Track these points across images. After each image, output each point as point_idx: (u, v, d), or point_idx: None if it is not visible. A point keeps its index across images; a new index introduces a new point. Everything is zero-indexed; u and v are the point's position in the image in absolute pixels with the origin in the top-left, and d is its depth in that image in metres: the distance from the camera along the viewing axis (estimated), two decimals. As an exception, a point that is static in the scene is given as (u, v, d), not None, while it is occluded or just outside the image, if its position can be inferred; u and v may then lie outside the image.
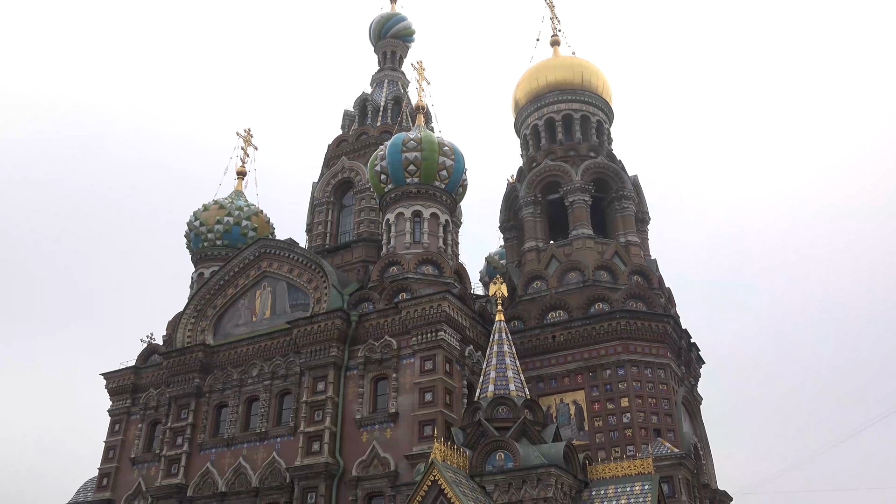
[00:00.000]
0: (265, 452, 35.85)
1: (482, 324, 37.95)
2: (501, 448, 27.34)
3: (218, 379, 39.37)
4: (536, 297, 41.90)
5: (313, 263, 39.50)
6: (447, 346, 34.34)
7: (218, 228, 48.99)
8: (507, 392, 29.68)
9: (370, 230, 45.78)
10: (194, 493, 36.52)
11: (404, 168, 41.24)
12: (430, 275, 38.97)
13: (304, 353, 36.75)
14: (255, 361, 38.53)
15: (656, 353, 38.07)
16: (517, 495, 26.10)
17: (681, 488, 33.39)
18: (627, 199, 45.21)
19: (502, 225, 48.71)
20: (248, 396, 38.26)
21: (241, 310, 41.45)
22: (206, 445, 37.86)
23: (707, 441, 41.91)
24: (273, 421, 36.75)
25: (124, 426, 42.29)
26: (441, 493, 24.25)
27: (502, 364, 30.80)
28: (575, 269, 41.78)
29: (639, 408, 36.17)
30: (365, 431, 34.05)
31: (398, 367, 34.70)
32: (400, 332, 35.41)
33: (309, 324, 36.92)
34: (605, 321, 38.37)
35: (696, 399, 42.80)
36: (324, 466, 32.93)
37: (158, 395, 41.76)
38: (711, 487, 39.81)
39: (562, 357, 38.78)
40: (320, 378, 35.69)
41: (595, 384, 37.38)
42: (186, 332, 41.48)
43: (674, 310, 42.74)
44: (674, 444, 35.29)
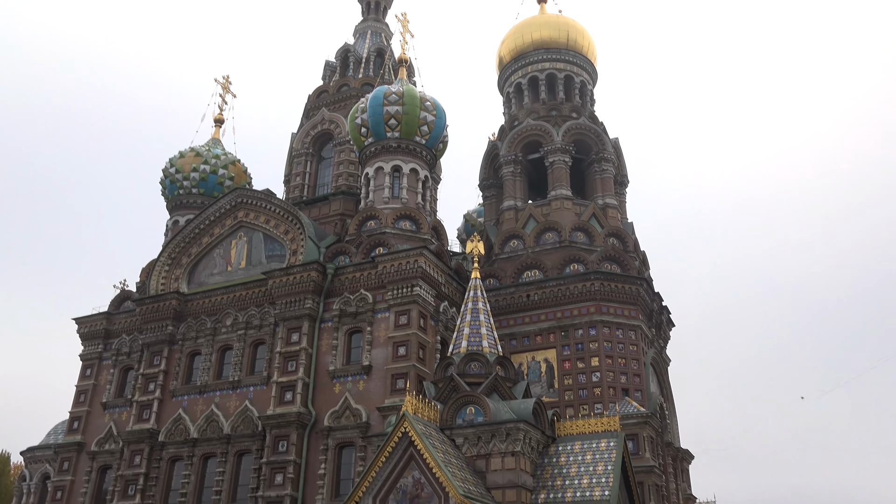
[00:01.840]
0: (238, 401, 36.08)
1: (458, 281, 38.16)
2: (472, 403, 27.72)
3: (191, 327, 39.31)
4: (513, 255, 42.15)
5: (290, 215, 39.24)
6: (422, 301, 34.53)
7: (194, 176, 48.35)
8: (479, 348, 30.00)
9: (349, 183, 45.49)
10: (166, 438, 36.75)
11: (385, 122, 40.85)
12: (408, 230, 38.95)
13: (278, 304, 36.75)
14: (230, 311, 38.48)
15: (628, 314, 38.64)
16: (486, 448, 26.59)
17: (645, 446, 34.31)
18: (607, 161, 45.28)
19: (482, 183, 48.63)
20: (221, 345, 38.29)
21: (217, 259, 41.20)
22: (179, 392, 37.97)
23: (673, 401, 42.92)
24: (246, 370, 36.89)
25: (96, 371, 42.23)
26: (411, 445, 24.62)
27: (476, 321, 31.05)
28: (552, 230, 42.00)
29: (608, 367, 36.86)
30: (338, 383, 34.34)
31: (373, 321, 34.88)
32: (375, 287, 35.50)
33: (284, 275, 36.85)
34: (580, 282, 38.78)
35: (664, 360, 43.67)
36: (296, 416, 33.25)
37: (131, 342, 41.66)
38: (675, 446, 40.92)
39: (535, 316, 39.25)
40: (294, 329, 35.79)
41: (567, 343, 37.97)
42: (160, 280, 41.21)
43: (647, 273, 43.28)
44: (641, 403, 36.11)
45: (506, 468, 26.02)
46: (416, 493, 24.30)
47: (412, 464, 24.66)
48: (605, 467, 26.16)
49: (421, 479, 24.33)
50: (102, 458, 39.20)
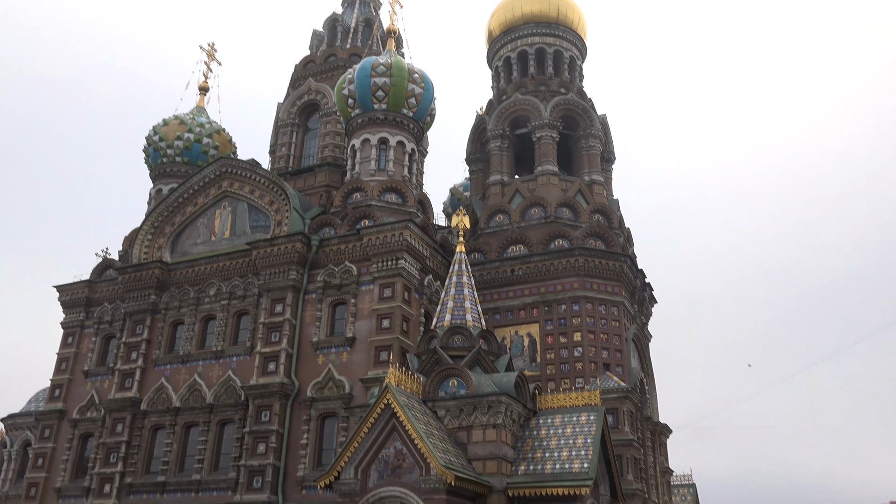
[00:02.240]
0: (220, 370, 36.09)
1: (443, 254, 38.20)
2: (455, 375, 27.92)
3: (174, 296, 39.14)
4: (498, 230, 42.21)
5: (275, 185, 38.97)
6: (407, 274, 34.56)
7: (178, 144, 47.81)
8: (463, 322, 30.14)
9: (335, 155, 45.18)
10: (148, 407, 36.76)
11: (372, 93, 40.49)
12: (394, 203, 38.86)
13: (262, 274, 36.65)
14: (213, 281, 38.32)
15: (611, 290, 38.92)
16: (467, 421, 26.86)
17: (625, 420, 34.79)
18: (594, 137, 45.26)
19: (468, 157, 48.49)
20: (204, 315, 38.20)
21: (200, 228, 40.91)
22: (161, 361, 37.92)
23: (653, 376, 43.47)
24: (229, 340, 36.86)
25: (77, 339, 42.03)
26: (394, 416, 24.81)
27: (460, 294, 31.16)
28: (538, 205, 42.06)
29: (590, 343, 37.19)
30: (321, 354, 34.42)
31: (357, 293, 34.89)
32: (360, 259, 35.45)
33: (269, 246, 36.70)
34: (564, 257, 38.95)
35: (645, 336, 44.12)
36: (279, 386, 33.34)
37: (113, 310, 41.45)
38: (653, 420, 41.52)
39: (519, 290, 39.45)
40: (278, 300, 35.74)
41: (550, 318, 38.24)
42: (143, 249, 40.92)
43: (631, 249, 43.55)
44: (621, 378, 36.53)
45: (487, 440, 26.31)
46: (397, 464, 24.55)
47: (394, 435, 24.87)
48: (584, 440, 26.52)
49: (403, 449, 24.56)
50: (84, 425, 39.18)
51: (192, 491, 33.88)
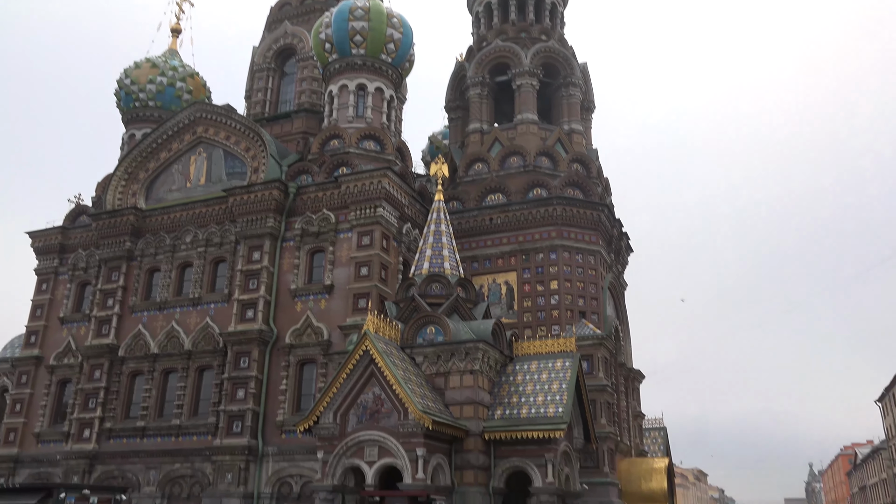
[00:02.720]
0: (198, 317, 36.09)
1: (421, 202, 38.12)
2: (433, 323, 28.24)
3: (150, 243, 38.80)
4: (477, 179, 42.13)
5: (252, 132, 38.38)
6: (385, 222, 34.51)
7: (150, 88, 46.71)
8: (441, 270, 30.33)
9: (312, 101, 44.48)
10: (126, 353, 36.78)
11: (350, 38, 39.68)
12: (372, 150, 38.51)
13: (239, 222, 36.38)
14: (189, 228, 37.99)
15: (588, 240, 39.24)
16: (445, 367, 27.28)
17: (599, 366, 35.53)
18: (575, 86, 44.95)
19: (448, 104, 48.00)
20: (181, 262, 37.97)
21: (175, 175, 40.32)
22: (138, 308, 37.80)
23: (627, 324, 44.25)
24: (207, 287, 36.77)
25: (52, 286, 41.66)
26: (372, 362, 25.11)
27: (438, 243, 31.28)
28: (517, 154, 41.95)
29: (567, 291, 37.65)
30: (299, 301, 34.51)
31: (335, 241, 34.83)
32: (338, 207, 35.28)
33: (245, 193, 36.35)
34: (542, 206, 39.09)
35: (621, 285, 44.74)
36: (257, 333, 33.47)
37: (87, 257, 41.05)
38: (627, 366, 42.45)
39: (497, 239, 39.64)
40: (256, 248, 35.60)
41: (527, 266, 38.57)
42: (117, 195, 40.32)
43: (609, 199, 43.79)
44: (597, 325, 37.16)
45: (464, 386, 26.80)
46: (376, 409, 24.97)
47: (373, 380, 25.22)
48: (559, 386, 27.12)
49: (381, 395, 24.95)
50: (61, 371, 39.18)
51: (172, 435, 34.24)
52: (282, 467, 31.71)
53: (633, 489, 37.41)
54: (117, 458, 34.88)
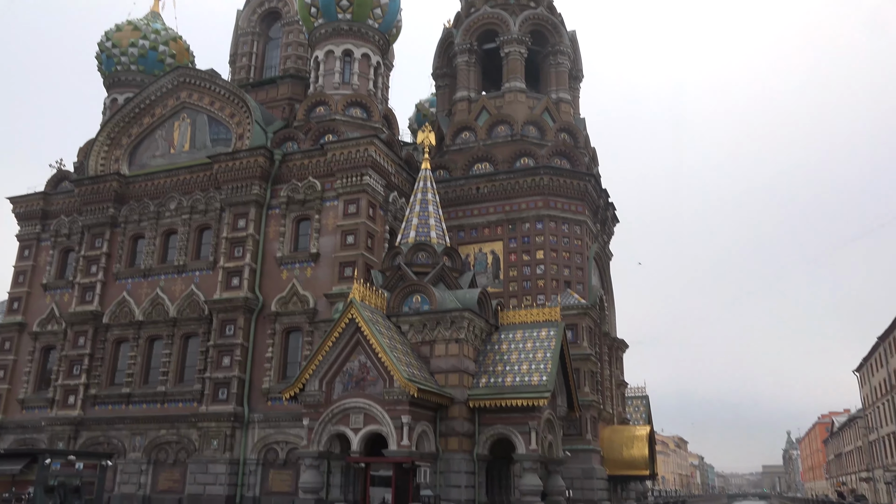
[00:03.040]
0: (183, 285, 35.94)
1: (408, 171, 37.92)
2: (419, 291, 28.28)
3: (134, 210, 38.43)
4: (464, 147, 41.94)
5: (236, 97, 37.86)
6: (371, 190, 34.34)
7: (132, 52, 45.87)
8: (427, 239, 30.30)
9: (297, 66, 43.87)
10: (110, 320, 36.63)
11: (336, 2, 39.02)
12: (358, 118, 38.15)
13: (224, 189, 36.07)
14: (174, 195, 37.63)
15: (575, 210, 39.30)
16: (430, 335, 27.40)
17: (583, 335, 35.86)
18: (563, 54, 44.59)
19: (435, 72, 47.53)
20: (165, 229, 37.68)
21: (159, 141, 39.80)
22: (122, 275, 37.57)
23: (612, 294, 44.59)
24: (192, 255, 36.56)
25: (34, 252, 41.28)
26: (358, 331, 25.16)
27: (425, 211, 31.19)
28: (504, 123, 41.74)
29: (552, 260, 37.81)
30: (285, 269, 34.42)
31: (321, 209, 34.64)
32: (324, 174, 35.03)
33: (231, 160, 35.98)
34: (529, 176, 39.03)
35: (606, 255, 44.97)
36: (243, 301, 33.41)
37: (70, 223, 40.63)
38: (611, 336, 42.87)
39: (484, 208, 39.63)
40: (241, 215, 35.35)
41: (513, 236, 38.63)
42: (99, 161, 39.79)
43: (596, 169, 43.78)
44: (582, 295, 37.40)
45: (449, 354, 26.96)
46: (361, 377, 25.08)
47: (358, 348, 25.30)
48: (544, 354, 27.35)
49: (367, 363, 25.05)
50: (45, 338, 38.99)
51: (158, 402, 34.30)
52: (268, 434, 31.91)
53: (614, 456, 38.05)
54: (102, 424, 34.95)
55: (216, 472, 31.44)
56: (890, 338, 60.22)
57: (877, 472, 71.34)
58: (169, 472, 33.20)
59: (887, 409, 64.12)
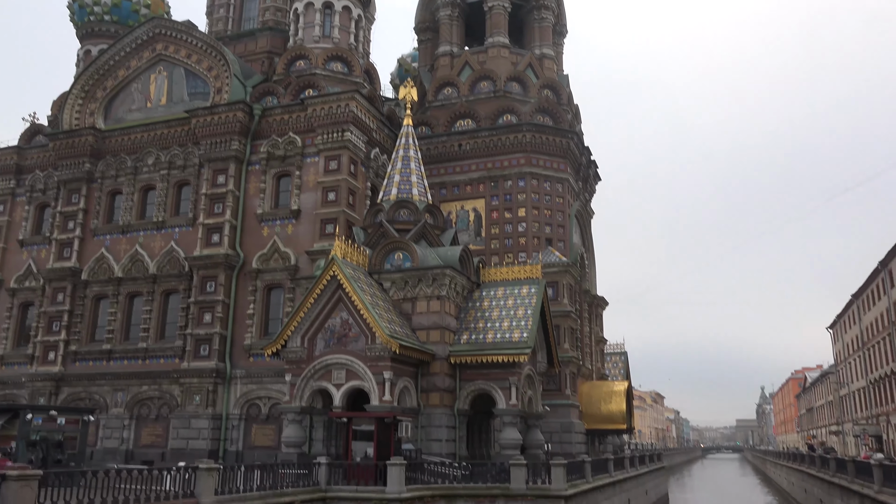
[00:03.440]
0: (163, 241, 35.64)
1: (390, 127, 37.54)
2: (401, 249, 28.27)
3: (110, 165, 37.82)
4: (446, 103, 41.54)
5: (214, 50, 37.04)
6: (353, 147, 34.00)
7: (105, 1, 44.64)
8: (409, 196, 30.17)
9: (276, 18, 42.89)
10: (89, 276, 36.33)
11: (316, -49, 38.02)
12: (339, 72, 37.55)
13: (203, 144, 35.54)
14: (151, 150, 37.03)
15: (557, 167, 39.25)
16: (412, 292, 27.50)
17: (564, 292, 36.16)
18: (547, 9, 44.01)
19: (417, 26, 46.75)
20: (143, 185, 37.18)
21: (134, 94, 38.98)
22: (100, 231, 37.14)
23: (593, 252, 44.88)
24: (171, 211, 36.19)
25: (9, 207, 40.61)
26: (339, 288, 25.17)
27: (407, 168, 30.99)
28: (487, 79, 41.31)
29: (534, 218, 37.89)
30: (266, 226, 34.20)
31: (302, 165, 34.30)
32: (305, 130, 34.59)
33: (209, 114, 35.38)
34: (512, 133, 38.83)
35: (588, 213, 45.12)
36: (224, 257, 33.23)
37: (46, 178, 39.94)
38: (591, 293, 43.29)
39: (466, 165, 39.47)
40: (220, 171, 34.93)
41: (496, 193, 38.60)
42: (74, 114, 38.96)
43: (579, 126, 43.61)
44: (563, 253, 37.61)
45: (431, 311, 27.11)
46: (343, 333, 25.19)
47: (340, 305, 25.35)
48: (525, 311, 27.57)
49: (349, 319, 25.13)
50: (23, 294, 38.63)
51: (139, 358, 34.30)
52: (250, 389, 32.10)
53: (593, 411, 38.77)
54: (84, 380, 34.93)
55: (199, 426, 31.68)
56: (863, 296, 61.35)
57: (846, 425, 73.41)
58: (151, 427, 33.39)
59: (858, 365, 65.67)
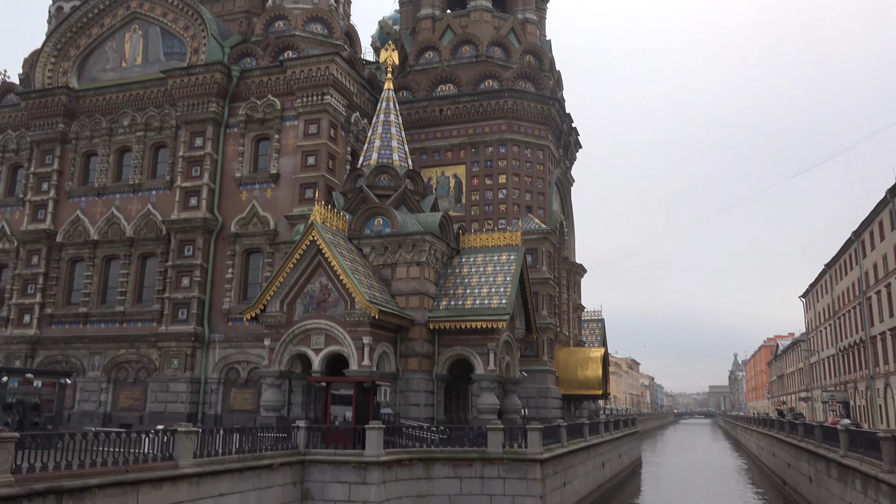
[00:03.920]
0: (140, 204, 35.20)
1: (370, 91, 37.12)
2: (380, 214, 28.19)
3: (85, 126, 37.09)
4: (428, 68, 41.12)
5: (190, 9, 36.19)
6: (333, 110, 33.62)
7: (78, -44, 43.21)
8: (390, 161, 29.99)
9: (255, -23, 41.92)
10: (64, 239, 35.86)
11: None
12: (319, 34, 36.91)
13: (180, 106, 34.94)
14: (127, 111, 36.34)
15: (538, 134, 39.16)
16: (392, 258, 27.51)
17: (543, 259, 36.39)
18: (531, -27, 43.44)
19: (399, -13, 46.00)
20: (119, 147, 36.56)
21: (109, 53, 38.09)
22: (75, 193, 36.57)
23: (572, 219, 45.08)
24: (147, 173, 35.68)
25: (-19, 168, 39.77)
26: (319, 253, 25.10)
27: (388, 133, 30.75)
28: (469, 43, 40.90)
29: (515, 185, 37.90)
30: (245, 190, 33.87)
31: (281, 129, 33.89)
32: (284, 93, 34.11)
33: (186, 75, 34.72)
34: (493, 99, 38.60)
35: (568, 181, 45.20)
36: (202, 221, 32.92)
37: (18, 138, 39.11)
38: (570, 260, 43.60)
39: (447, 131, 39.25)
40: (198, 133, 34.42)
41: (476, 160, 38.49)
42: (46, 73, 38.03)
43: (561, 93, 43.44)
44: (542, 220, 37.74)
45: (410, 277, 27.17)
46: (323, 298, 25.19)
47: (320, 270, 25.31)
48: (504, 278, 27.73)
49: (328, 284, 25.12)
50: (-3, 257, 38.07)
51: (116, 322, 34.09)
52: (229, 353, 32.10)
53: (569, 376, 39.33)
54: (60, 343, 34.69)
55: (177, 390, 31.69)
56: (836, 266, 62.37)
57: (815, 392, 75.16)
58: (129, 391, 33.35)
59: (829, 334, 67.03)
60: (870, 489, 18.47)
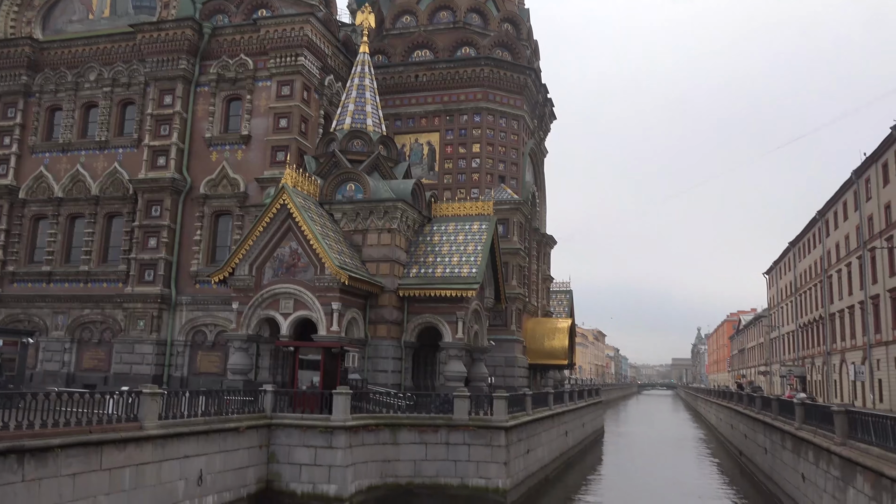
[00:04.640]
0: (106, 162, 34.43)
1: (345, 54, 36.55)
2: (353, 180, 27.98)
3: (49, 79, 36.02)
4: (404, 32, 40.58)
5: (161, -39, 35.12)
6: (307, 72, 33.06)
7: None
8: (363, 126, 29.70)
9: (229, -69, 40.75)
10: (27, 195, 35.02)
11: None
12: (294, -7, 36.08)
13: (149, 62, 34.07)
14: (93, 65, 35.34)
15: (513, 104, 39.01)
16: (363, 224, 27.39)
17: (514, 230, 36.52)
18: (511, -61, 42.86)
19: (377, -52, 45.05)
20: (85, 102, 35.62)
21: (75, 4, 36.89)
22: (39, 149, 35.64)
23: (545, 191, 45.21)
24: (114, 131, 34.86)
25: (-60, 119, 38.48)
26: (289, 217, 24.89)
27: (362, 98, 30.40)
28: (447, 8, 40.40)
29: (488, 154, 37.81)
30: (215, 151, 33.30)
31: (253, 89, 33.27)
32: (257, 53, 33.41)
33: (155, 30, 33.81)
34: (470, 66, 38.29)
35: (542, 152, 45.22)
36: (170, 181, 32.36)
37: (-21, 90, 37.85)
38: (541, 231, 43.83)
39: (422, 97, 38.90)
40: (167, 91, 33.65)
41: (451, 128, 38.26)
42: (9, 22, 36.76)
43: (537, 63, 43.22)
44: (515, 190, 37.78)
45: (381, 243, 27.12)
46: (292, 263, 25.04)
47: (290, 235, 25.11)
48: (475, 247, 27.81)
49: (298, 249, 24.96)
50: (-44, 212, 37.07)
51: (81, 281, 33.53)
52: (196, 316, 31.83)
53: (536, 346, 39.79)
54: (22, 301, 34.08)
55: (143, 352, 31.41)
56: (800, 244, 63.59)
57: (774, 366, 77.13)
58: (94, 351, 32.96)
59: (789, 310, 68.59)
60: (822, 461, 19.08)
